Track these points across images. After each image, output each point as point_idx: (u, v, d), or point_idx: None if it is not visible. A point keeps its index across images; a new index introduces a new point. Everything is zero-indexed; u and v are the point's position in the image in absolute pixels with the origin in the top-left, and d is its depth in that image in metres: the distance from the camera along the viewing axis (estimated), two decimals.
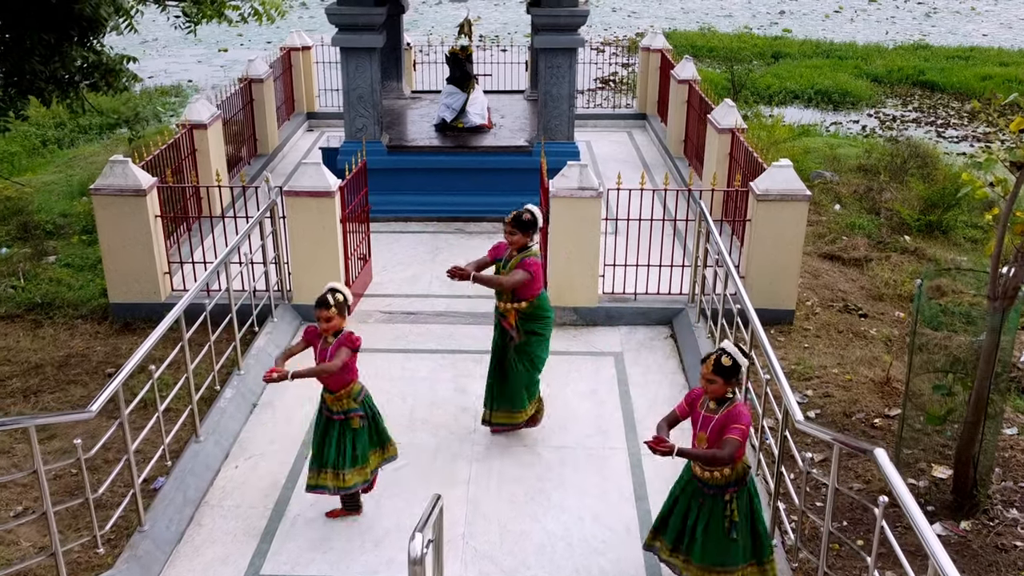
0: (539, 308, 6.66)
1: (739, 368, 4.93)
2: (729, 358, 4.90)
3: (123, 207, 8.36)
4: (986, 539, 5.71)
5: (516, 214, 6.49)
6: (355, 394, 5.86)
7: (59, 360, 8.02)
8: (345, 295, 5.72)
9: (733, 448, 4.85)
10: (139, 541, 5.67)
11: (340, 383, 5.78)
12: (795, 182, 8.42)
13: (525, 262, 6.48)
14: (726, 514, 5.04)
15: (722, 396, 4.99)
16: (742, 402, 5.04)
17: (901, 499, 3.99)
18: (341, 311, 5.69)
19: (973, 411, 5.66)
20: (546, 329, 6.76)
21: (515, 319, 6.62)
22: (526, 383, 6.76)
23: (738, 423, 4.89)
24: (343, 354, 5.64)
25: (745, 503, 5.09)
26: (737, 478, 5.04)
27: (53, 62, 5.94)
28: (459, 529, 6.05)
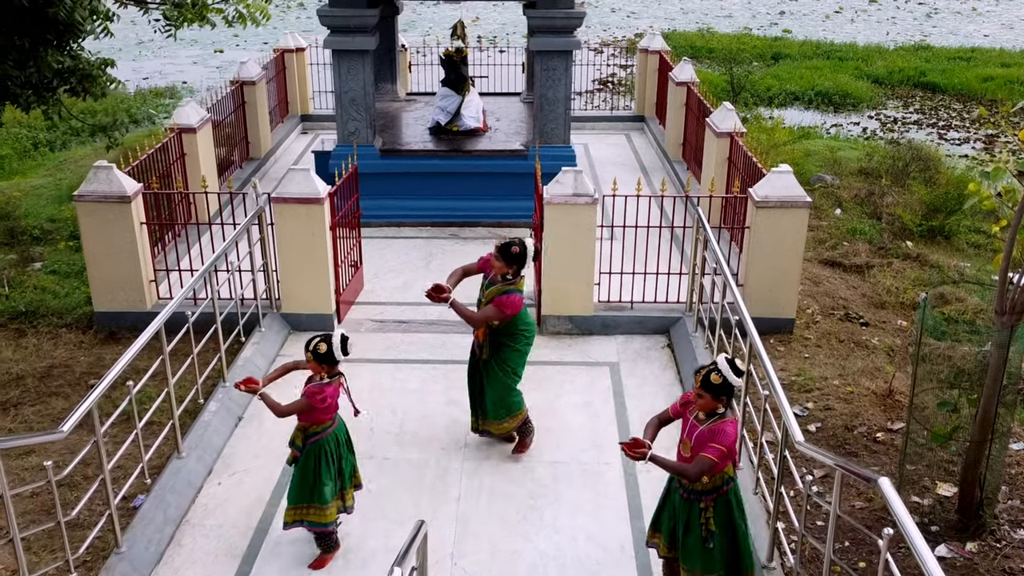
0: (513, 325, 6.43)
1: (730, 387, 4.76)
2: (719, 376, 4.75)
3: (107, 214, 8.18)
4: (993, 562, 5.51)
5: (506, 244, 6.25)
6: (309, 432, 5.53)
7: (41, 371, 7.83)
8: (331, 347, 5.42)
9: (702, 467, 4.73)
10: (116, 563, 5.48)
11: (303, 417, 5.52)
12: (795, 188, 8.23)
13: (501, 299, 6.26)
14: (701, 522, 4.95)
15: (712, 410, 4.84)
16: (731, 420, 4.84)
17: (907, 533, 3.80)
18: (319, 360, 5.42)
19: (979, 430, 5.47)
20: (522, 342, 6.52)
21: (484, 335, 6.45)
22: (501, 394, 6.54)
23: (718, 442, 4.73)
24: (298, 403, 5.43)
25: (723, 514, 4.96)
26: (714, 487, 4.91)
27: (28, 67, 5.75)
28: (448, 549, 5.86)
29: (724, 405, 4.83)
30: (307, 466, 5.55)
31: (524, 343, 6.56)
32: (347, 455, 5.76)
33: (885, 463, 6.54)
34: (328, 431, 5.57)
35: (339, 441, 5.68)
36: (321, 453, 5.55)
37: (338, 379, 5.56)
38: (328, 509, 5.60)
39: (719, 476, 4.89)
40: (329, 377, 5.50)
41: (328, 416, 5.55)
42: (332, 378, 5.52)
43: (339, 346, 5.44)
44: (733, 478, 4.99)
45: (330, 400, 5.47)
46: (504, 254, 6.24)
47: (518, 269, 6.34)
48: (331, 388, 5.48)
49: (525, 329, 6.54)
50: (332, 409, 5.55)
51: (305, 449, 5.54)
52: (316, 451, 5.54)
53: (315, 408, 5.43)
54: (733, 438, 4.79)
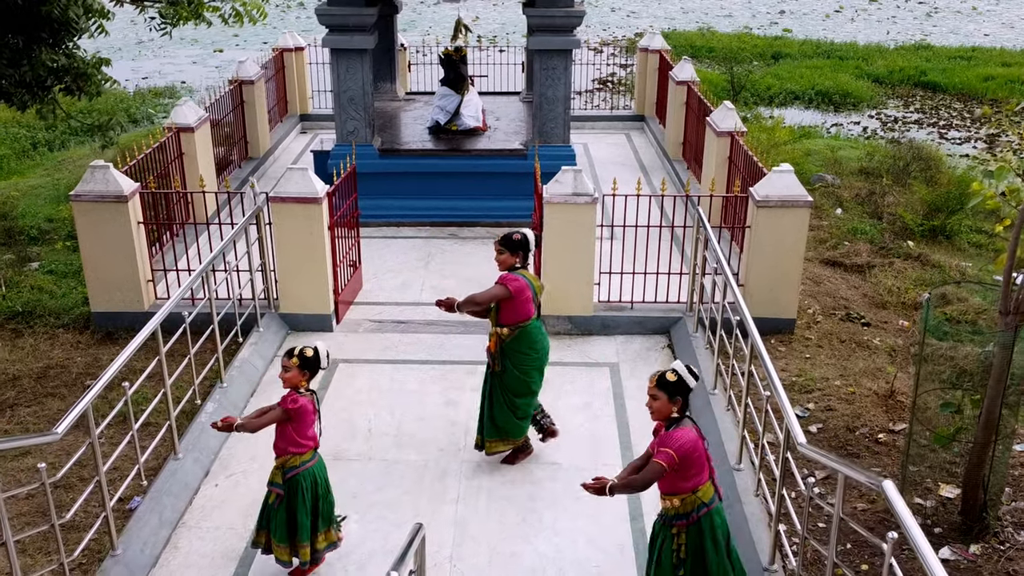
0: (522, 340, 6.27)
1: (684, 387, 4.63)
2: (674, 374, 4.63)
3: (104, 214, 8.13)
4: (997, 564, 5.46)
5: (506, 235, 6.26)
6: (286, 467, 5.31)
7: (38, 371, 7.77)
8: (317, 356, 5.24)
9: (650, 473, 4.60)
10: (111, 566, 5.43)
11: (278, 449, 5.32)
12: (796, 188, 8.18)
13: (504, 276, 6.22)
14: (673, 548, 4.77)
15: (667, 416, 4.69)
16: (687, 428, 4.64)
17: (912, 538, 3.75)
18: (303, 367, 5.22)
19: (983, 431, 5.41)
20: (523, 367, 6.32)
21: (495, 345, 6.30)
22: (502, 422, 6.42)
23: (667, 446, 4.57)
24: (271, 415, 5.24)
25: (695, 542, 4.75)
26: (685, 513, 4.71)
27: (22, 65, 5.70)
28: (446, 552, 5.81)
29: (679, 411, 4.66)
30: (291, 504, 5.33)
31: (527, 367, 6.33)
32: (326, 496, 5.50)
33: (887, 464, 6.49)
34: (306, 466, 5.33)
35: (318, 481, 5.41)
36: (298, 490, 5.32)
37: (312, 395, 5.33)
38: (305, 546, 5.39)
39: (690, 500, 4.68)
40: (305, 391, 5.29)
41: (306, 443, 5.29)
42: (307, 392, 5.30)
43: (325, 355, 5.30)
44: (707, 504, 4.72)
45: (302, 404, 5.19)
46: (507, 243, 6.23)
47: (524, 256, 6.32)
48: (305, 399, 5.24)
49: (532, 348, 6.32)
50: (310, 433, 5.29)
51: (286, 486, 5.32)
52: (293, 487, 5.32)
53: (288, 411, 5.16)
54: (685, 442, 4.57)
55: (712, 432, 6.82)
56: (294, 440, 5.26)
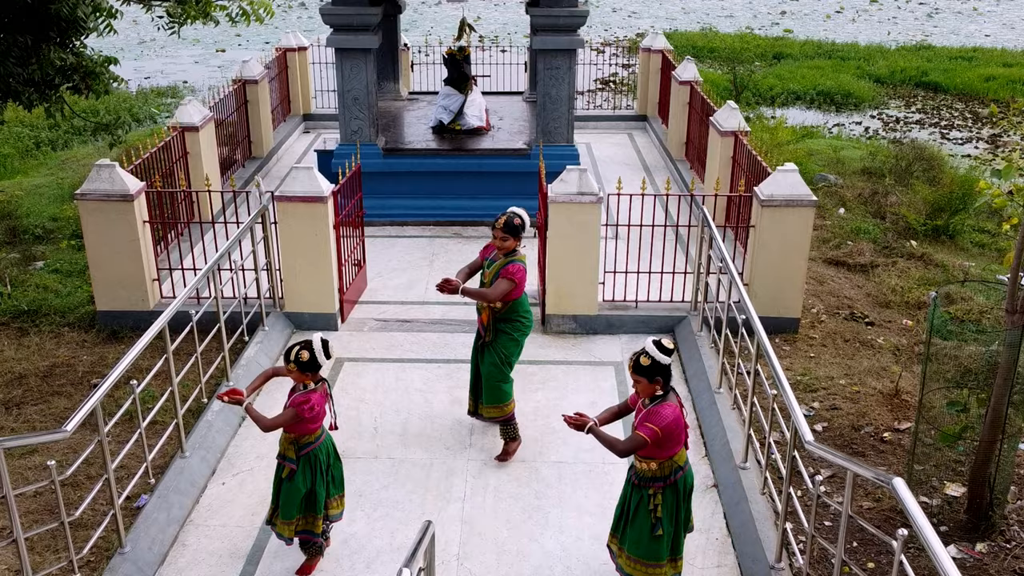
0: (513, 311, 6.57)
1: (660, 366, 4.82)
2: (648, 358, 4.82)
3: (110, 213, 8.14)
4: (1003, 562, 5.48)
5: (507, 218, 6.42)
6: (300, 443, 5.36)
7: (43, 370, 7.79)
8: (313, 354, 5.23)
9: (632, 443, 4.85)
10: (119, 564, 5.44)
11: (292, 428, 5.34)
12: (801, 187, 8.20)
13: (508, 269, 6.40)
14: (650, 508, 5.00)
15: (652, 394, 4.91)
16: (671, 403, 4.88)
17: (924, 535, 3.76)
18: (303, 368, 5.23)
19: (989, 430, 5.43)
20: (518, 332, 6.63)
21: (488, 318, 6.53)
22: (497, 379, 6.61)
23: (651, 422, 4.81)
24: (285, 415, 5.25)
25: (671, 502, 5.02)
26: (663, 475, 4.96)
27: (30, 64, 5.71)
28: (453, 550, 5.82)
29: (662, 388, 4.88)
30: (304, 478, 5.37)
31: (520, 332, 6.64)
32: (336, 463, 5.59)
33: (892, 463, 6.50)
34: (320, 441, 5.41)
35: (329, 451, 5.51)
36: (316, 464, 5.40)
37: (322, 385, 5.37)
38: (319, 518, 5.49)
39: (667, 464, 4.94)
40: (314, 384, 5.33)
41: (317, 425, 5.38)
42: (316, 384, 5.34)
43: (321, 350, 5.26)
44: (682, 467, 5.01)
45: (317, 408, 5.29)
46: (509, 228, 6.39)
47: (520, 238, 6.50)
48: (317, 395, 5.29)
49: (524, 317, 6.63)
50: (320, 417, 5.37)
51: (300, 461, 5.36)
52: (312, 462, 5.38)
53: (303, 419, 5.24)
54: (669, 419, 4.81)
55: (718, 431, 6.84)
56: (307, 428, 5.35)
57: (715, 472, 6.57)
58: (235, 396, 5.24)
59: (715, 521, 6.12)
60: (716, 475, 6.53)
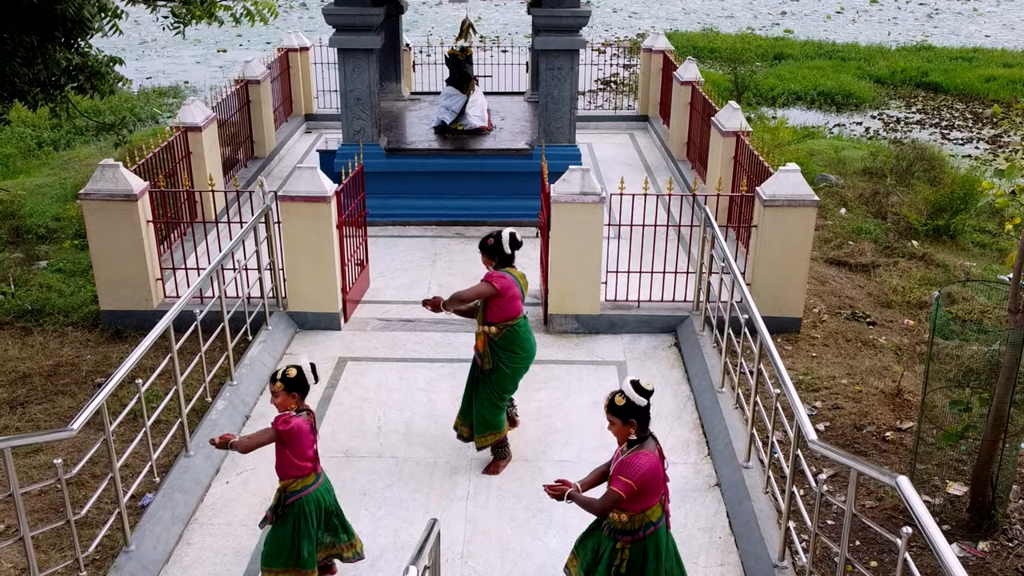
0: (511, 340, 6.27)
1: (635, 408, 4.52)
2: (623, 397, 4.51)
3: (113, 212, 8.15)
4: (1005, 561, 5.50)
5: (484, 236, 6.29)
6: (288, 491, 5.05)
7: (48, 369, 7.81)
8: (301, 375, 4.95)
9: (607, 502, 4.57)
10: (124, 562, 5.46)
11: (279, 472, 5.07)
12: (803, 187, 8.22)
13: (489, 274, 6.22)
14: (615, 563, 4.72)
15: (625, 438, 4.64)
16: (646, 452, 4.55)
17: (928, 533, 3.78)
18: (289, 388, 4.93)
19: (992, 429, 5.45)
20: (513, 367, 6.35)
21: (483, 345, 6.28)
22: (484, 412, 6.39)
23: (625, 475, 4.49)
24: (263, 435, 4.97)
25: (638, 560, 4.70)
26: (631, 530, 4.67)
27: (36, 64, 5.73)
28: (457, 548, 5.84)
29: (637, 432, 4.58)
30: (284, 528, 5.07)
31: (515, 366, 6.37)
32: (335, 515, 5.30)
33: (895, 462, 6.52)
34: (312, 488, 5.08)
35: (322, 505, 5.16)
36: (301, 515, 5.06)
37: (308, 415, 5.05)
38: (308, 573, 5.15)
39: (638, 518, 4.63)
40: (297, 412, 5.01)
41: (306, 464, 5.04)
42: (300, 412, 5.02)
43: (310, 372, 4.99)
44: (654, 523, 4.68)
45: (295, 425, 4.91)
46: (483, 247, 6.27)
47: (500, 260, 6.25)
48: (299, 420, 4.96)
49: (521, 348, 6.35)
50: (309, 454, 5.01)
51: (284, 510, 5.06)
52: (296, 512, 5.06)
53: (279, 432, 4.90)
54: (644, 470, 4.48)
55: (720, 430, 6.86)
56: (292, 463, 5.02)
57: (718, 471, 6.59)
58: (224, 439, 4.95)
59: (718, 520, 6.14)
60: (719, 474, 6.55)
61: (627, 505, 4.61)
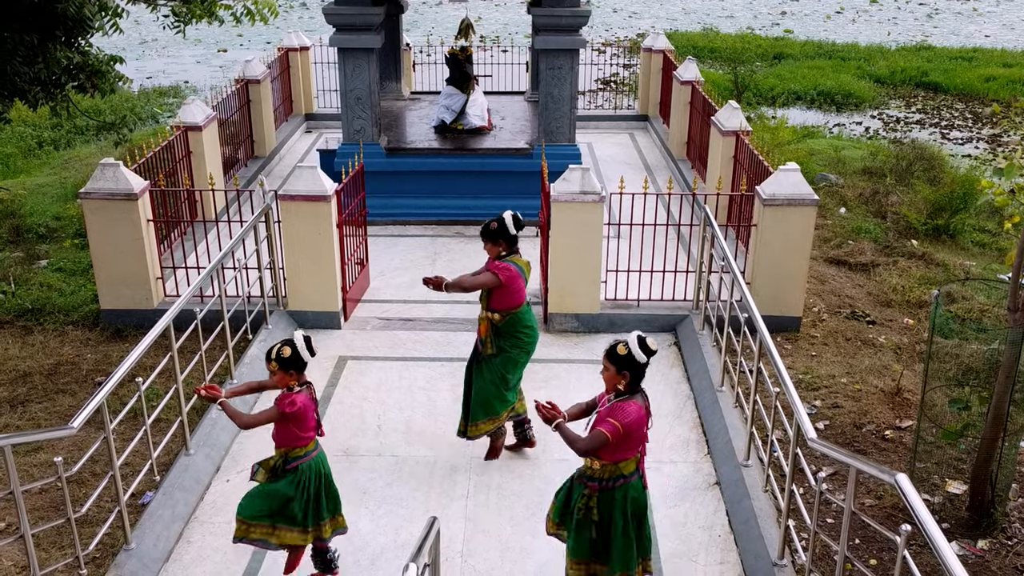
0: (513, 325, 6.27)
1: (633, 361, 4.60)
2: (625, 347, 4.60)
3: (114, 212, 8.16)
4: (1005, 559, 5.51)
5: (485, 223, 6.23)
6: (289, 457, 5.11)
7: (48, 368, 7.82)
8: (295, 352, 4.94)
9: (591, 441, 4.61)
10: (125, 560, 5.47)
11: (277, 440, 5.11)
12: (803, 186, 8.23)
13: (493, 264, 6.19)
14: (580, 506, 4.82)
15: (613, 388, 4.72)
16: (635, 401, 4.65)
17: (927, 531, 3.79)
18: (286, 367, 4.94)
19: (991, 427, 5.46)
20: (517, 350, 6.34)
21: (487, 331, 6.28)
22: (485, 397, 6.37)
23: (614, 417, 4.59)
24: (268, 414, 5.00)
25: (605, 510, 4.79)
26: (600, 478, 4.74)
27: (36, 63, 5.74)
28: (457, 547, 5.85)
29: (627, 384, 4.66)
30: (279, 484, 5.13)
31: (519, 350, 6.35)
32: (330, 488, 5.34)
33: (894, 461, 6.53)
34: (311, 455, 5.15)
35: (320, 473, 5.22)
36: (301, 478, 5.13)
37: (308, 388, 5.12)
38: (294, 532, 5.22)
39: (609, 468, 4.70)
40: (299, 386, 5.06)
41: (307, 436, 5.11)
42: (301, 387, 5.07)
43: (304, 346, 4.97)
44: (625, 476, 4.74)
45: (300, 405, 4.97)
46: (485, 234, 6.19)
47: (508, 244, 6.20)
48: (301, 396, 5.01)
49: (525, 332, 6.34)
50: (306, 422, 5.07)
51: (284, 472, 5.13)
52: (296, 475, 5.12)
53: (286, 415, 4.95)
54: (632, 417, 4.59)
55: (720, 429, 6.87)
56: (295, 435, 5.10)
57: (718, 470, 6.59)
58: (211, 391, 5.04)
59: (718, 518, 6.15)
60: (718, 473, 6.56)
61: (604, 452, 4.66)
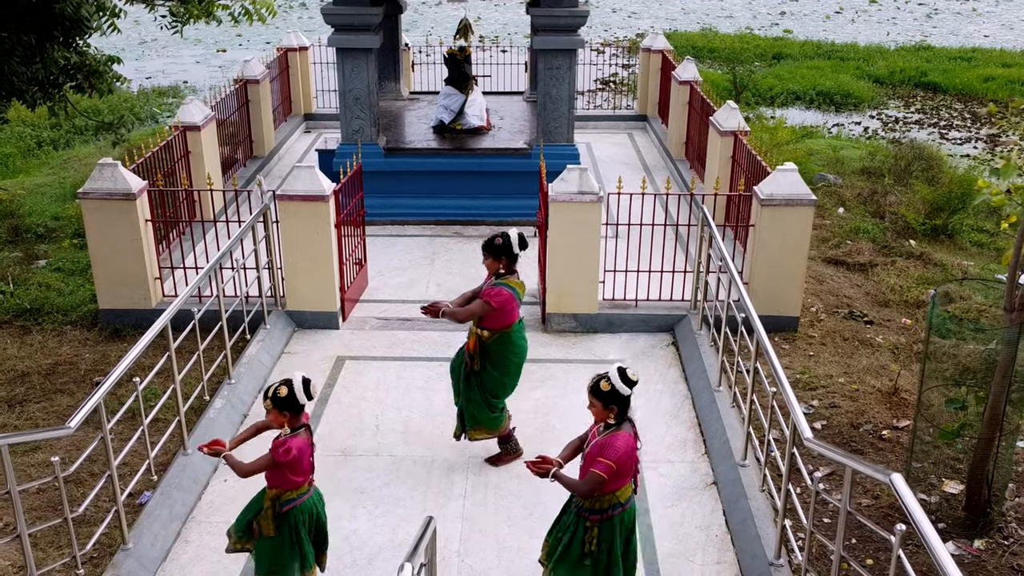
0: (503, 343, 6.23)
1: (618, 396, 4.61)
2: (608, 383, 4.61)
3: (112, 212, 8.17)
4: (1001, 559, 5.51)
5: (488, 239, 6.16)
6: (281, 500, 4.91)
7: (46, 368, 7.82)
8: (292, 390, 4.74)
9: (590, 484, 4.64)
10: (122, 560, 5.48)
11: (269, 481, 4.93)
12: (800, 186, 8.24)
13: (485, 292, 6.11)
14: (585, 539, 4.83)
15: (603, 420, 4.73)
16: (624, 433, 4.66)
17: (921, 530, 3.79)
18: (280, 407, 4.75)
19: (988, 427, 5.46)
20: (502, 369, 6.29)
21: (475, 346, 6.23)
22: (474, 410, 6.37)
23: (604, 456, 4.59)
24: (261, 460, 4.82)
25: (607, 539, 4.81)
26: (600, 509, 4.78)
27: (34, 63, 5.74)
28: (454, 546, 5.85)
29: (615, 416, 4.68)
30: (283, 539, 4.95)
31: (504, 370, 6.31)
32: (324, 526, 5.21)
33: (891, 460, 6.54)
34: (303, 499, 4.97)
35: (314, 514, 5.06)
36: (297, 523, 4.96)
37: (305, 432, 4.91)
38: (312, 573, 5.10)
39: (607, 498, 4.75)
40: (293, 429, 4.86)
41: (301, 479, 4.92)
42: (297, 430, 4.87)
43: (302, 389, 4.76)
44: (622, 504, 4.80)
45: (295, 452, 4.77)
46: (488, 248, 6.12)
47: (509, 262, 6.16)
48: (297, 440, 4.80)
49: (514, 351, 6.30)
50: (302, 467, 4.88)
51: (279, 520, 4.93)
52: (291, 521, 4.94)
53: (280, 463, 4.77)
54: (621, 452, 4.60)
55: (717, 429, 6.88)
56: (287, 479, 4.90)
57: (715, 469, 6.60)
58: (215, 447, 4.88)
59: (715, 518, 6.15)
60: (716, 472, 6.56)
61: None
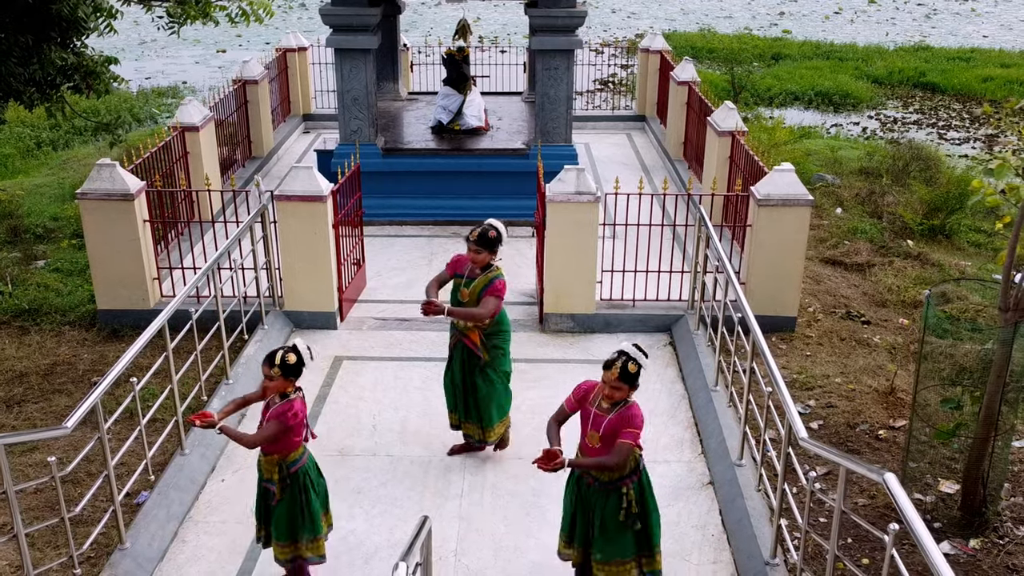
0: (497, 324, 6.44)
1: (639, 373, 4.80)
2: (635, 364, 4.76)
3: (110, 212, 8.18)
4: (996, 558, 5.52)
5: (481, 231, 6.22)
6: (287, 463, 5.09)
7: (44, 368, 7.84)
8: (300, 358, 4.97)
9: (624, 454, 4.79)
10: (119, 559, 5.49)
11: (274, 447, 5.06)
12: (797, 186, 8.25)
13: (495, 286, 6.23)
14: (623, 506, 4.96)
15: (622, 399, 4.87)
16: (635, 403, 4.89)
17: (914, 529, 3.81)
18: (287, 374, 4.94)
19: (983, 427, 5.48)
20: (507, 343, 6.54)
21: (479, 338, 6.36)
22: (498, 399, 6.49)
23: (632, 426, 4.80)
24: (270, 428, 4.94)
25: (638, 495, 5.02)
26: (631, 472, 4.98)
27: (31, 64, 5.75)
28: (451, 546, 5.86)
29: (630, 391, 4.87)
30: (296, 499, 5.13)
31: (506, 342, 6.54)
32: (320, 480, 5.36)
33: (887, 460, 6.55)
34: (305, 456, 5.17)
35: (316, 467, 5.28)
36: (307, 481, 5.15)
37: (300, 394, 5.10)
38: (322, 539, 5.28)
39: (633, 460, 4.98)
40: (286, 394, 5.04)
41: (300, 439, 5.10)
42: (296, 392, 5.07)
43: (308, 354, 5.03)
44: (639, 459, 5.06)
45: (301, 416, 5.00)
46: (483, 241, 6.20)
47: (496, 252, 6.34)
48: (298, 403, 5.01)
49: (505, 329, 6.52)
50: (302, 429, 5.08)
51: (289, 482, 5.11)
52: (302, 480, 5.13)
53: (290, 427, 4.95)
54: (642, 419, 4.86)
55: (714, 428, 6.89)
56: (291, 441, 5.07)
57: (711, 469, 6.61)
58: (206, 419, 4.92)
59: (711, 517, 6.16)
60: (712, 472, 6.57)
61: None
